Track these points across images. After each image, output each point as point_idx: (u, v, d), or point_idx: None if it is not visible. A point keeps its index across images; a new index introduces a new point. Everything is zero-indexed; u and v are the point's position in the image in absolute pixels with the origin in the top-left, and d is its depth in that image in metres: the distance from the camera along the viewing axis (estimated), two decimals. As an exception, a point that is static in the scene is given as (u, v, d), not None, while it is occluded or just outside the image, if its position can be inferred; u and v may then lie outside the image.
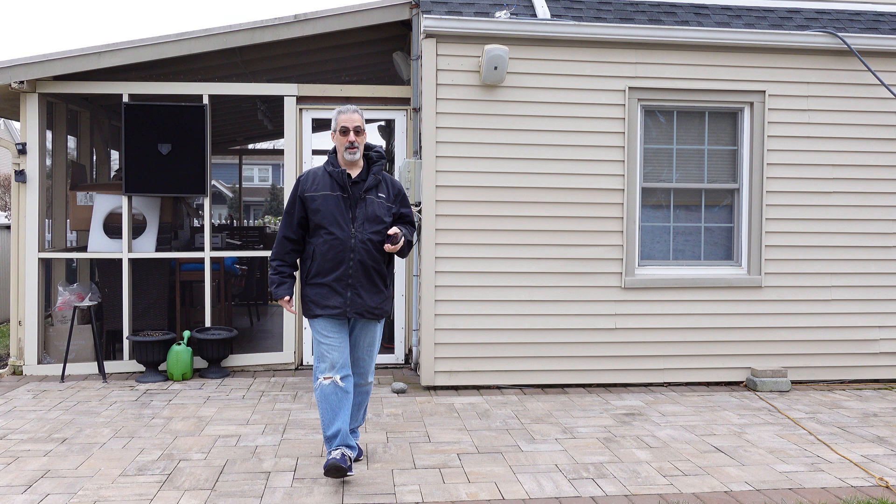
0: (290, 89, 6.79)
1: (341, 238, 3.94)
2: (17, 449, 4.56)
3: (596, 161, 6.29)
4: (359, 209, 3.98)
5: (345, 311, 3.96)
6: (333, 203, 3.97)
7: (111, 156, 9.73)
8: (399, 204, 4.14)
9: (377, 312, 4.06)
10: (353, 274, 3.95)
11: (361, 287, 3.97)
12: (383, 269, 4.07)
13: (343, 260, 3.94)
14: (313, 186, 4.02)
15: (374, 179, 4.05)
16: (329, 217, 3.95)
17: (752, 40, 6.31)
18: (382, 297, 4.08)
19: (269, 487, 3.96)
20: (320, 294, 3.97)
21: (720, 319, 6.44)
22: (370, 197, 4.02)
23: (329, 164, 4.08)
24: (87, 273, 8.21)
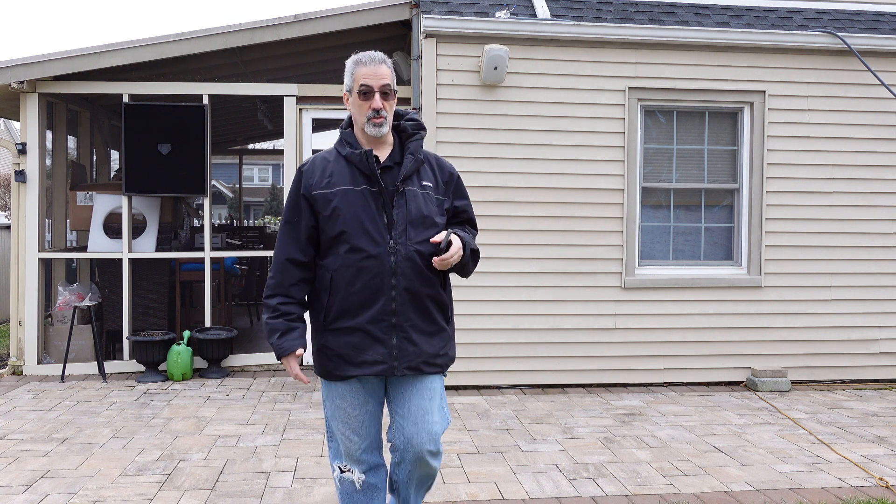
0: (290, 89, 6.80)
1: (375, 255, 2.58)
2: (17, 449, 4.56)
3: (596, 161, 6.29)
4: (397, 208, 2.62)
5: (391, 367, 2.62)
6: (358, 202, 2.61)
7: (111, 156, 9.73)
8: (453, 194, 2.81)
9: (440, 362, 2.72)
10: (398, 309, 2.61)
11: (413, 327, 2.63)
12: (441, 296, 2.71)
13: (381, 288, 2.58)
14: (324, 180, 2.65)
15: (412, 162, 2.69)
16: (354, 224, 2.59)
17: (752, 40, 6.31)
18: (445, 339, 2.74)
19: (269, 487, 3.96)
20: (350, 344, 2.61)
21: (720, 319, 6.44)
22: (411, 188, 2.66)
23: (344, 145, 2.71)
24: (87, 273, 8.21)
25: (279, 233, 2.71)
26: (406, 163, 2.68)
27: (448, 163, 2.86)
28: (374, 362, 2.62)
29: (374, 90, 2.62)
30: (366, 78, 2.63)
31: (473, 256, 2.77)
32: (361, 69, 2.64)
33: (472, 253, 2.73)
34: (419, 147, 2.74)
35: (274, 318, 2.65)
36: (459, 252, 2.62)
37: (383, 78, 2.64)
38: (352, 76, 2.67)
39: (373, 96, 2.62)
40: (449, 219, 2.81)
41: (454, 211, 2.83)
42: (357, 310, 2.61)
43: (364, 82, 2.63)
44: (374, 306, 2.60)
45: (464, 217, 2.87)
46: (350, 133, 2.73)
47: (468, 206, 2.88)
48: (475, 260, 2.80)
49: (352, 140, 2.70)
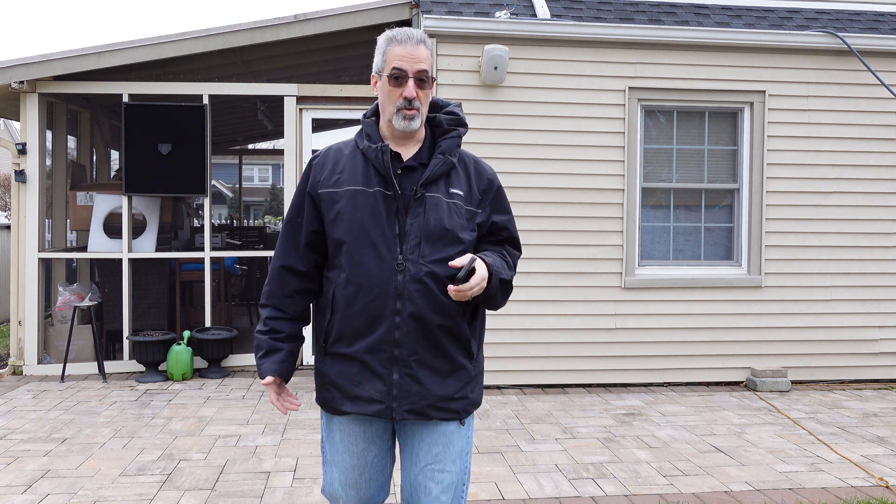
0: (290, 89, 6.79)
1: (378, 272, 2.12)
2: (17, 449, 4.56)
3: (596, 161, 6.29)
4: (412, 217, 2.15)
5: (389, 408, 2.16)
6: (367, 207, 2.16)
7: (111, 156, 9.73)
8: (490, 206, 2.29)
9: (455, 407, 2.21)
10: (402, 339, 2.14)
11: (420, 363, 2.15)
12: (460, 328, 2.19)
13: (382, 313, 2.13)
14: (334, 176, 2.22)
15: (441, 163, 2.20)
16: (358, 233, 2.15)
17: (752, 40, 6.31)
18: (463, 379, 2.22)
19: (269, 487, 3.96)
20: (345, 374, 2.20)
21: (720, 319, 6.44)
22: (434, 195, 2.18)
23: (363, 137, 2.27)
24: (87, 273, 8.21)
25: (280, 233, 2.33)
26: (433, 164, 2.19)
27: (489, 167, 2.35)
28: (370, 400, 2.17)
29: (407, 75, 2.15)
30: (400, 59, 2.15)
31: (503, 288, 2.20)
32: (395, 48, 2.16)
33: (500, 284, 2.17)
34: (454, 147, 2.25)
35: (261, 332, 2.30)
36: (482, 284, 2.09)
37: (421, 61, 2.16)
38: (383, 56, 2.19)
39: (405, 82, 2.15)
40: (483, 236, 2.29)
41: (491, 227, 2.29)
42: (355, 335, 2.17)
43: (397, 65, 2.15)
44: (373, 333, 2.14)
45: (503, 236, 2.33)
46: (372, 124, 2.27)
47: (510, 223, 2.34)
48: (506, 291, 2.23)
49: (372, 132, 2.24)
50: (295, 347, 2.31)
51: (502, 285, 2.20)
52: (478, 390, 2.30)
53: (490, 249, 2.27)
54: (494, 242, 2.32)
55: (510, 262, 2.30)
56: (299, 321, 2.32)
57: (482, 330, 2.33)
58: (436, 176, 2.19)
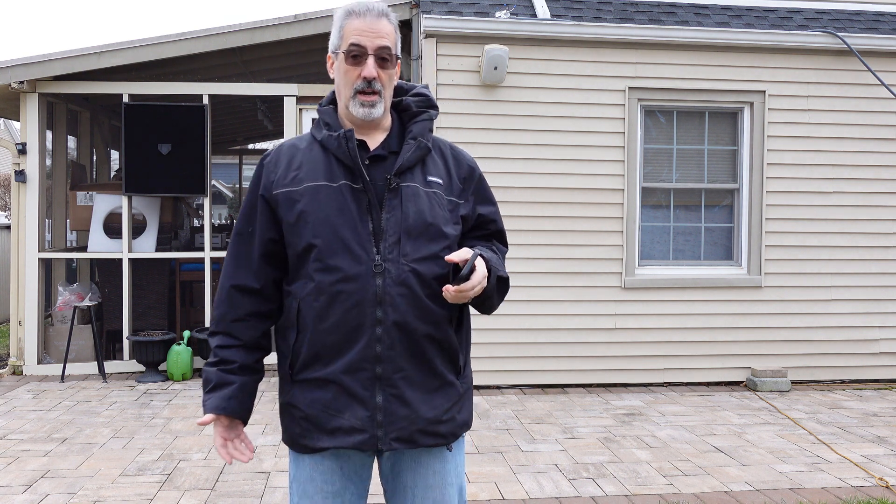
0: (290, 89, 6.80)
1: (354, 275, 1.82)
2: (18, 449, 4.56)
3: (596, 161, 6.29)
4: (388, 211, 1.86)
5: (374, 437, 1.85)
6: (334, 203, 1.85)
7: (111, 156, 9.74)
8: (474, 196, 2.02)
9: (443, 430, 1.91)
10: (385, 353, 1.83)
11: (406, 380, 1.86)
12: (449, 338, 1.92)
13: (362, 324, 1.82)
14: (291, 174, 1.90)
15: (415, 149, 1.92)
16: (326, 233, 1.84)
17: (752, 40, 6.31)
18: (451, 397, 1.93)
19: (269, 487, 3.96)
20: (321, 403, 1.86)
21: (720, 319, 6.44)
22: (410, 185, 1.89)
23: (320, 127, 1.96)
24: (87, 273, 8.21)
25: (228, 248, 1.98)
26: (405, 150, 1.90)
27: (468, 154, 2.06)
28: (352, 430, 1.83)
29: (367, 52, 1.85)
30: (358, 34, 1.86)
31: (500, 287, 1.94)
32: (353, 22, 1.87)
33: (498, 282, 1.91)
34: (425, 130, 1.95)
35: (211, 364, 1.95)
36: (483, 283, 1.81)
37: (382, 37, 1.87)
38: (339, 31, 1.90)
39: (364, 61, 1.85)
40: (468, 231, 2.01)
41: (477, 220, 2.02)
42: (330, 354, 1.83)
43: (355, 40, 1.85)
44: (351, 349, 1.82)
45: (491, 229, 2.05)
46: (330, 111, 1.97)
47: (496, 215, 2.06)
48: (502, 291, 1.96)
49: (331, 120, 1.94)
50: (248, 382, 1.94)
51: (500, 284, 1.93)
52: (466, 410, 1.98)
53: (479, 245, 1.98)
54: (481, 237, 2.04)
55: (502, 258, 2.05)
56: (255, 350, 1.96)
57: (468, 340, 2.04)
58: (410, 163, 1.90)
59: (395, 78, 1.95)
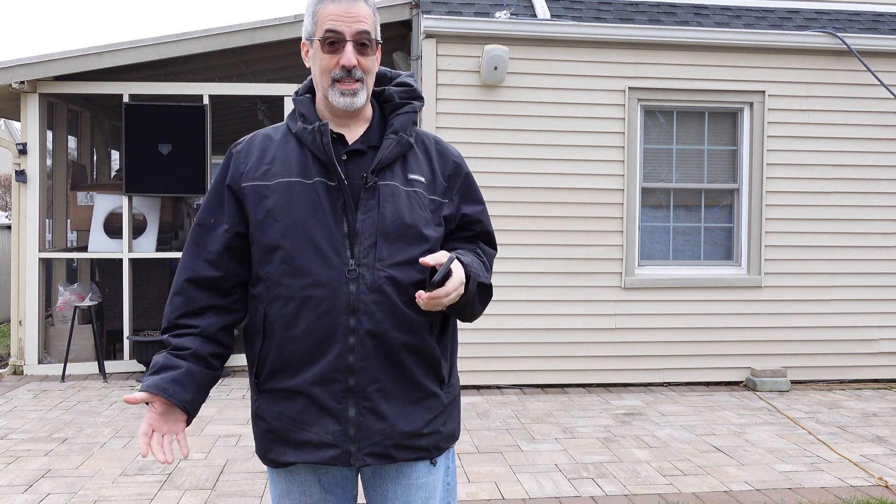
0: (290, 89, 6.80)
1: (326, 281, 1.70)
2: (18, 448, 4.57)
3: (596, 161, 6.29)
4: (364, 212, 1.73)
5: (346, 452, 1.73)
6: (306, 202, 1.73)
7: (111, 156, 9.74)
8: (459, 195, 1.88)
9: (424, 444, 1.79)
10: (358, 364, 1.71)
11: (381, 392, 1.74)
12: (428, 347, 1.77)
13: (334, 333, 1.70)
14: (262, 167, 1.78)
15: (395, 144, 1.79)
16: (297, 234, 1.72)
17: (752, 40, 6.32)
18: (433, 409, 1.80)
19: (269, 487, 3.96)
20: (286, 415, 1.75)
21: (720, 319, 6.44)
22: (389, 183, 1.76)
23: (295, 118, 1.83)
24: (88, 273, 8.22)
25: (187, 241, 1.83)
26: (385, 145, 1.77)
27: (454, 149, 1.92)
28: (321, 444, 1.72)
29: (344, 38, 1.72)
30: (334, 19, 1.72)
31: (482, 294, 1.79)
32: (327, 6, 1.73)
33: (479, 289, 1.76)
34: (408, 124, 1.82)
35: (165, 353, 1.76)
36: (459, 290, 1.67)
37: (360, 20, 1.74)
38: (313, 17, 1.76)
39: (342, 48, 1.72)
40: (451, 232, 1.86)
41: (461, 220, 1.87)
42: (299, 364, 1.72)
43: (331, 26, 1.72)
44: (322, 359, 1.70)
45: (476, 230, 1.90)
46: (307, 102, 1.83)
47: (482, 215, 1.91)
48: (485, 298, 1.81)
49: (308, 111, 1.80)
50: (198, 372, 1.74)
51: (481, 290, 1.78)
52: (452, 421, 1.85)
53: (462, 247, 1.84)
54: (465, 239, 1.89)
55: (487, 263, 1.88)
56: (213, 342, 1.78)
57: (454, 347, 1.89)
58: (389, 159, 1.76)
59: (376, 64, 1.82)
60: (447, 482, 1.88)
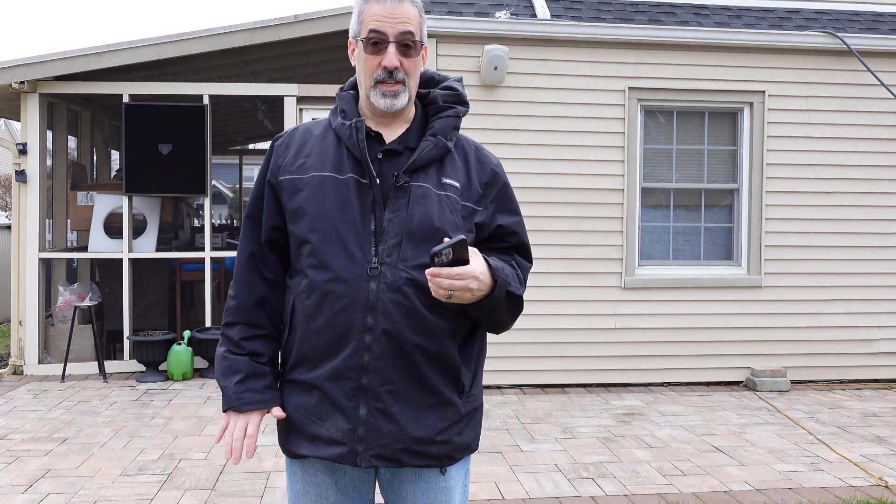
0: (291, 89, 6.80)
1: (347, 278, 1.70)
2: (18, 448, 4.57)
3: (596, 161, 6.29)
4: (392, 211, 1.73)
5: (353, 451, 1.72)
6: (337, 196, 1.73)
7: (111, 156, 9.74)
8: (494, 204, 1.87)
9: (436, 452, 1.76)
10: (372, 363, 1.70)
11: (393, 394, 1.72)
12: (447, 352, 1.74)
13: (349, 330, 1.70)
14: (299, 160, 1.80)
15: (433, 146, 1.78)
16: (324, 229, 1.73)
17: (752, 40, 6.32)
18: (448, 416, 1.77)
19: (269, 487, 3.97)
20: (302, 407, 1.77)
21: (720, 319, 6.44)
22: (422, 185, 1.75)
23: (337, 114, 1.84)
24: (88, 273, 8.22)
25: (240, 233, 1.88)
26: (423, 147, 1.75)
27: (494, 157, 1.91)
28: (331, 441, 1.71)
29: (387, 39, 1.71)
30: (378, 20, 1.71)
31: (511, 304, 1.75)
32: (372, 7, 1.72)
33: (508, 297, 1.72)
34: (449, 128, 1.81)
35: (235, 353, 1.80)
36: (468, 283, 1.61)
37: (404, 21, 1.72)
38: (359, 17, 1.76)
39: (385, 49, 1.72)
40: (484, 241, 1.83)
41: (495, 231, 1.84)
42: (317, 358, 1.73)
43: (375, 26, 1.71)
44: (338, 355, 1.70)
45: (511, 242, 1.87)
46: (350, 98, 1.84)
47: (519, 226, 1.89)
48: (514, 310, 1.78)
49: (349, 108, 1.81)
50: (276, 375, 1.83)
51: (510, 300, 1.73)
52: (469, 432, 1.80)
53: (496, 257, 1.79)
54: (500, 250, 1.85)
55: (520, 276, 1.83)
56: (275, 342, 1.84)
57: (480, 356, 1.84)
58: (425, 161, 1.75)
59: (421, 65, 1.81)
60: (465, 485, 1.88)
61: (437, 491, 1.79)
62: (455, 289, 1.60)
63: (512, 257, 1.86)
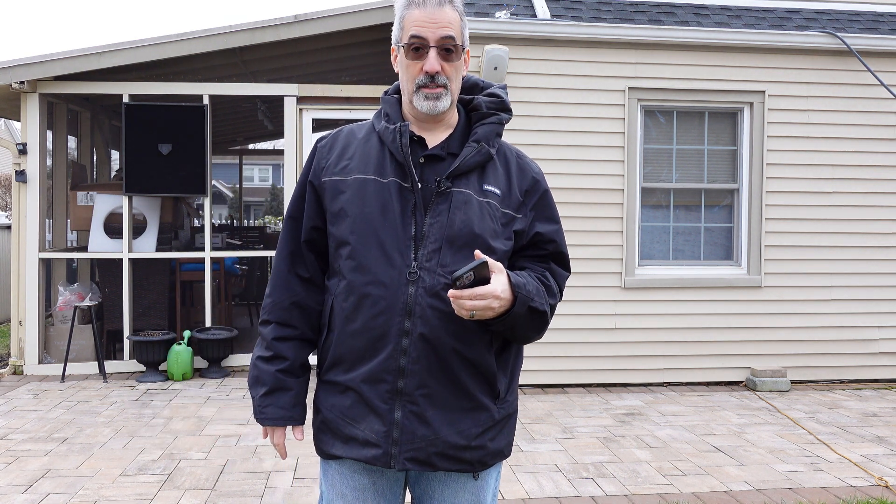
0: (291, 89, 6.80)
1: (386, 282, 1.72)
2: (18, 448, 4.57)
3: (596, 161, 6.29)
4: (433, 216, 1.74)
5: (387, 454, 1.73)
6: (378, 200, 1.75)
7: (111, 156, 9.74)
8: (533, 212, 1.85)
9: (469, 457, 1.77)
10: (409, 367, 1.71)
11: (428, 398, 1.73)
12: (484, 359, 1.76)
13: (387, 333, 1.72)
14: (342, 162, 1.82)
15: (475, 153, 1.79)
16: (364, 232, 1.74)
17: (752, 40, 6.32)
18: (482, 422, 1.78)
19: (269, 487, 3.97)
20: (337, 408, 1.79)
21: (720, 319, 6.44)
22: (463, 191, 1.76)
23: (381, 117, 1.86)
24: (88, 273, 8.22)
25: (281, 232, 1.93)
26: (465, 153, 1.76)
27: (535, 165, 1.91)
28: (366, 443, 1.74)
29: (428, 44, 1.73)
30: (419, 25, 1.73)
31: (535, 319, 1.75)
32: (413, 12, 1.74)
33: (530, 313, 1.72)
34: (492, 135, 1.82)
35: (264, 359, 1.84)
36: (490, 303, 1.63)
37: (445, 26, 1.73)
38: (400, 23, 1.78)
39: (426, 53, 1.73)
40: (522, 249, 1.84)
41: (533, 239, 1.84)
42: (353, 359, 1.75)
43: (416, 32, 1.73)
44: (374, 358, 1.72)
45: (548, 250, 1.86)
46: (394, 102, 1.86)
47: (557, 235, 1.87)
48: (538, 324, 1.77)
49: (393, 111, 1.83)
50: (304, 382, 1.86)
51: (532, 315, 1.72)
52: (502, 438, 1.82)
53: (529, 268, 1.82)
54: (537, 258, 1.85)
55: (553, 287, 1.82)
56: (309, 344, 1.87)
57: (517, 363, 1.86)
58: (467, 168, 1.76)
59: (464, 69, 1.84)
60: (496, 488, 1.89)
61: (467, 492, 1.82)
62: (477, 308, 1.62)
63: (548, 265, 1.87)
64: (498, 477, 1.90)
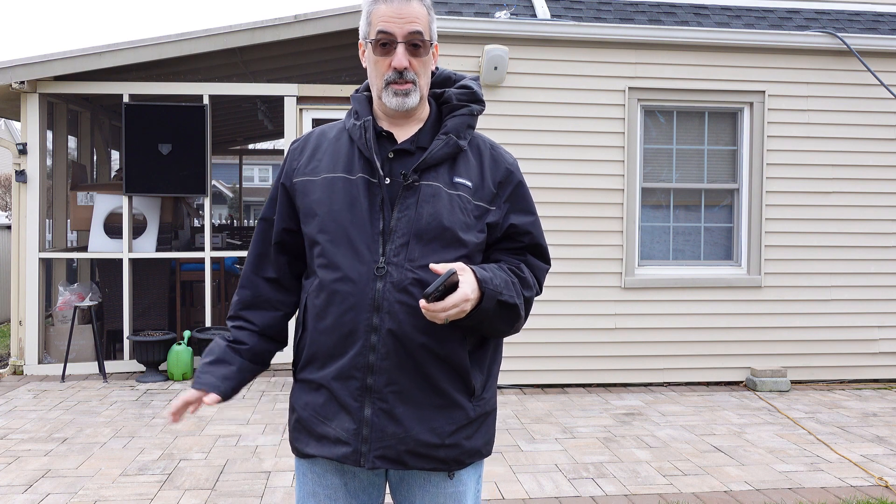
0: (291, 89, 6.80)
1: (354, 277, 1.70)
2: (18, 448, 4.57)
3: (596, 161, 6.29)
4: (401, 210, 1.72)
5: (357, 452, 1.71)
6: (346, 196, 1.74)
7: (111, 156, 9.75)
8: (508, 203, 1.82)
9: (442, 456, 1.73)
10: (377, 364, 1.69)
11: (398, 395, 1.70)
12: (456, 355, 1.72)
13: (355, 329, 1.70)
14: (313, 162, 1.81)
15: (444, 145, 1.76)
16: (332, 228, 1.73)
17: (752, 40, 6.32)
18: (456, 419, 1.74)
19: (269, 487, 3.97)
20: (311, 406, 1.78)
21: (720, 319, 6.44)
22: (432, 184, 1.74)
23: (351, 115, 1.84)
24: (88, 273, 8.22)
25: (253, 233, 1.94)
26: (434, 146, 1.74)
27: (510, 156, 1.91)
28: (337, 440, 1.71)
29: (396, 39, 1.71)
30: (386, 20, 1.71)
31: (505, 313, 1.71)
32: (380, 7, 1.72)
33: (500, 307, 1.69)
34: (463, 126, 1.80)
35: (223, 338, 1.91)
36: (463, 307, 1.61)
37: (412, 21, 1.71)
38: (367, 18, 1.76)
39: (394, 49, 1.71)
40: (497, 241, 1.81)
41: (508, 231, 1.81)
42: (324, 357, 1.74)
43: (383, 27, 1.71)
44: (344, 355, 1.70)
45: (524, 242, 1.83)
46: (363, 100, 1.83)
47: (533, 226, 1.84)
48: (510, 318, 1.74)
49: (362, 109, 1.81)
50: (249, 368, 1.87)
51: (503, 309, 1.70)
52: (479, 437, 1.77)
53: (504, 260, 1.80)
54: (512, 251, 1.83)
55: (527, 280, 1.79)
56: (269, 340, 1.89)
57: (494, 359, 1.82)
58: (436, 160, 1.73)
59: (432, 64, 1.81)
60: (477, 490, 1.85)
61: (447, 496, 1.77)
62: (451, 317, 1.61)
63: (525, 258, 1.84)
64: (479, 479, 1.85)
